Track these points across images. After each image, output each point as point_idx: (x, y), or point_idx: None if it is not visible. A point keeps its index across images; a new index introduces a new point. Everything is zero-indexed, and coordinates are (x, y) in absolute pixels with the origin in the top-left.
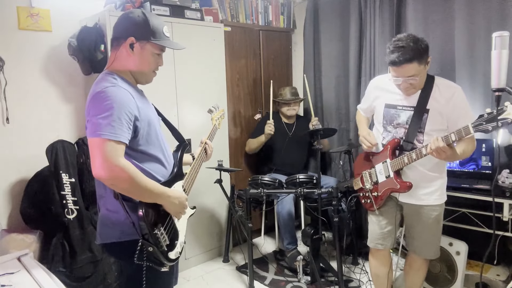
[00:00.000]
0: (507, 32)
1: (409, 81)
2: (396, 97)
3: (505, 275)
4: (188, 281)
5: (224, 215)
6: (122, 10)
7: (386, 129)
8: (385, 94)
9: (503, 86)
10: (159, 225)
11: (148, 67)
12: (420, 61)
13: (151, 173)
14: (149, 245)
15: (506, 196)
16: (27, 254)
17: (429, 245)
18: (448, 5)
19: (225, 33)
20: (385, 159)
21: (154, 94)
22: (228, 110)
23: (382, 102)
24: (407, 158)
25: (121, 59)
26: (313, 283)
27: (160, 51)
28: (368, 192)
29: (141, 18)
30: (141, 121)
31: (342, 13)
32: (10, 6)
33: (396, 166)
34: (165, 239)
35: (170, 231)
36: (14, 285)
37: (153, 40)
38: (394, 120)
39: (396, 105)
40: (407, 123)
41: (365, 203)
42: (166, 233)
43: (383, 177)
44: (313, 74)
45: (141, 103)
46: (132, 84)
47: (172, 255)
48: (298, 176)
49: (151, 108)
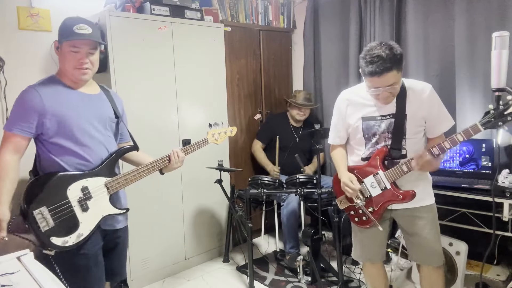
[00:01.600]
0: (507, 32)
1: (389, 90)
2: (371, 109)
3: (505, 275)
4: (188, 281)
5: (224, 215)
6: (122, 10)
7: (370, 140)
8: (359, 108)
9: (503, 86)
10: (44, 207)
11: (68, 64)
12: (398, 68)
13: (62, 164)
14: (26, 222)
15: (506, 196)
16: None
17: (429, 251)
18: (448, 5)
19: (225, 33)
20: (375, 170)
21: (154, 94)
22: (228, 110)
23: (358, 116)
24: (406, 166)
25: (59, 62)
26: (313, 283)
27: (73, 47)
28: (362, 209)
29: (61, 23)
30: (48, 116)
31: (342, 13)
32: (10, 6)
33: (394, 176)
34: (45, 222)
35: (62, 218)
36: (14, 285)
37: (64, 39)
38: (375, 132)
39: (374, 116)
40: (388, 131)
41: (359, 221)
42: (52, 218)
43: (378, 190)
44: (313, 74)
45: (54, 102)
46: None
47: (57, 241)
48: (298, 176)
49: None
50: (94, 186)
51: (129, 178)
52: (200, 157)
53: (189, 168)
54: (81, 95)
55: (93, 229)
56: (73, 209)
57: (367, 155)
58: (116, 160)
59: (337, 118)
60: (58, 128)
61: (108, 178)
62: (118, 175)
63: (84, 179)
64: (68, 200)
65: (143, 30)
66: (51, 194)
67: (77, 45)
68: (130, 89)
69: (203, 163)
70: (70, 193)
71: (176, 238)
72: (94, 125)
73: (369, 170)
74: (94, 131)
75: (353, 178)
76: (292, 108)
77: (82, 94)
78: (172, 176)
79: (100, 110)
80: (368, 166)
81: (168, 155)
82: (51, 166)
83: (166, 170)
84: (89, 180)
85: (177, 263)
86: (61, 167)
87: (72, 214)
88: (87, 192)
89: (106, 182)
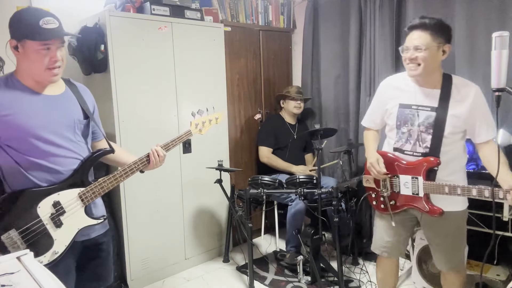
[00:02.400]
0: (507, 32)
1: (415, 54)
2: (410, 96)
3: (505, 275)
4: (188, 281)
5: (224, 215)
6: (122, 10)
7: (400, 129)
8: (401, 93)
9: (503, 86)
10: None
11: (37, 66)
12: (434, 35)
13: (33, 180)
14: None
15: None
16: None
17: (449, 257)
18: (448, 5)
19: (225, 33)
20: (416, 174)
21: (154, 94)
22: (228, 110)
23: (397, 102)
24: (448, 188)
25: (17, 62)
26: (313, 283)
27: (43, 45)
28: (384, 197)
29: (15, 17)
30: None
31: (342, 13)
32: (10, 6)
33: (431, 190)
34: (15, 244)
35: (32, 238)
36: (14, 285)
37: (30, 38)
38: (408, 121)
39: (410, 104)
40: (424, 125)
41: (376, 205)
42: (22, 238)
43: (409, 191)
44: (312, 74)
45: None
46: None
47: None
48: (298, 176)
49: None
50: (67, 199)
51: (105, 186)
52: (200, 157)
53: (189, 168)
54: (45, 99)
55: (69, 244)
56: (45, 227)
57: (399, 146)
58: (89, 167)
59: (375, 103)
60: (19, 141)
61: (82, 188)
62: (93, 184)
63: (55, 193)
64: (40, 219)
65: (143, 30)
66: (19, 214)
67: (48, 43)
68: (130, 89)
69: (203, 163)
70: (41, 210)
71: (176, 238)
72: (61, 134)
73: (410, 170)
74: (62, 141)
75: (381, 160)
76: (287, 103)
77: (46, 97)
78: (172, 176)
79: (68, 113)
80: (411, 165)
81: (147, 155)
82: (18, 181)
83: (147, 169)
84: (60, 194)
85: (177, 263)
86: (31, 182)
87: (46, 233)
88: (60, 208)
89: (80, 193)
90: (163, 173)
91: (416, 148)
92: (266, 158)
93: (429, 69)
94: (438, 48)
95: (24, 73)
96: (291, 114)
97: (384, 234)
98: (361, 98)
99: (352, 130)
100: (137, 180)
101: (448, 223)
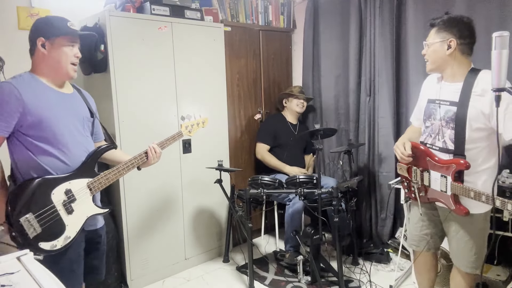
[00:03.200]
0: (507, 32)
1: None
2: (436, 91)
3: (505, 275)
4: (188, 281)
5: (224, 215)
6: (122, 10)
7: (425, 123)
8: (430, 89)
9: (503, 86)
10: (30, 213)
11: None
12: (438, 31)
13: (44, 166)
14: (12, 230)
15: (506, 196)
16: (27, 254)
17: (463, 255)
18: (448, 5)
19: (225, 33)
20: (446, 174)
21: (154, 94)
22: (228, 110)
23: (426, 98)
24: (473, 194)
25: (37, 60)
26: (313, 283)
27: (70, 42)
28: (414, 187)
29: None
30: (28, 116)
31: (342, 13)
32: (10, 6)
33: (458, 191)
34: (32, 228)
35: (48, 222)
36: (14, 285)
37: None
38: (431, 116)
39: (435, 99)
40: (444, 119)
41: (408, 193)
42: (40, 223)
43: (438, 187)
44: (312, 74)
45: (35, 100)
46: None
47: (45, 246)
48: (298, 176)
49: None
50: (77, 188)
51: (110, 177)
52: (200, 157)
53: (189, 168)
54: (60, 94)
55: (79, 231)
56: (58, 213)
57: (423, 139)
58: (96, 159)
59: (418, 100)
60: (38, 129)
61: (90, 178)
62: (99, 175)
63: (67, 182)
64: (53, 205)
65: (143, 30)
66: (35, 200)
67: (74, 40)
68: (130, 89)
69: (203, 163)
70: (54, 197)
71: (176, 238)
72: (75, 125)
73: (441, 169)
74: (76, 132)
75: (408, 144)
76: (291, 101)
77: (60, 93)
78: (172, 176)
79: (78, 110)
80: (441, 164)
81: (145, 151)
82: (31, 168)
83: (143, 166)
84: (71, 183)
85: (177, 263)
86: (43, 169)
87: (58, 218)
88: (71, 195)
89: (88, 183)
90: (163, 173)
91: (435, 142)
92: (261, 155)
93: (437, 64)
94: (441, 43)
95: (46, 69)
96: (294, 113)
97: (412, 228)
98: (361, 98)
99: (352, 130)
100: (137, 180)
101: (471, 224)
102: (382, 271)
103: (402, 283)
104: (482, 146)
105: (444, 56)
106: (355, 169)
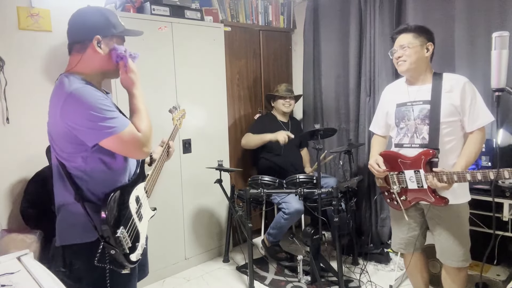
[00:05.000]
0: (507, 32)
1: (401, 52)
2: (404, 96)
3: (505, 275)
4: (188, 281)
5: (224, 215)
6: (122, 10)
7: (399, 126)
8: (396, 95)
9: (503, 86)
10: (121, 227)
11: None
12: (416, 35)
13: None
14: (111, 248)
15: (506, 196)
16: (27, 254)
17: (452, 250)
18: (448, 5)
19: (225, 33)
20: (417, 168)
21: (154, 94)
22: (228, 110)
23: (394, 104)
24: (446, 177)
25: (88, 60)
26: (313, 283)
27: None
28: (395, 194)
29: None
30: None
31: (342, 13)
32: (10, 6)
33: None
34: (127, 241)
35: (132, 233)
36: (14, 285)
37: (115, 33)
38: (404, 117)
39: (405, 102)
40: (419, 117)
41: (391, 203)
42: (128, 235)
43: (414, 185)
44: (313, 74)
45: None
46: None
47: (133, 257)
48: (298, 176)
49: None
50: (141, 193)
51: (153, 178)
52: (200, 157)
53: (189, 168)
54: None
55: (146, 236)
56: (135, 222)
57: (398, 141)
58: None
59: (378, 108)
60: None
61: (144, 182)
62: (148, 176)
63: (134, 188)
64: (132, 214)
65: (143, 30)
66: (120, 212)
67: (124, 40)
68: None
69: (203, 163)
70: (131, 206)
71: (176, 238)
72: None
73: (412, 165)
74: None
75: (380, 159)
76: (277, 102)
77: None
78: (172, 176)
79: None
80: (412, 161)
81: (165, 149)
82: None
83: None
84: (138, 189)
85: (177, 263)
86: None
87: (136, 227)
88: (140, 202)
89: (145, 186)
90: (163, 173)
91: (414, 140)
92: (244, 140)
93: (416, 65)
94: (421, 45)
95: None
96: (281, 113)
97: (398, 232)
98: (361, 98)
99: (353, 130)
100: None
101: (451, 215)
102: (382, 271)
103: (402, 283)
104: (458, 138)
105: (424, 58)
106: (355, 169)
